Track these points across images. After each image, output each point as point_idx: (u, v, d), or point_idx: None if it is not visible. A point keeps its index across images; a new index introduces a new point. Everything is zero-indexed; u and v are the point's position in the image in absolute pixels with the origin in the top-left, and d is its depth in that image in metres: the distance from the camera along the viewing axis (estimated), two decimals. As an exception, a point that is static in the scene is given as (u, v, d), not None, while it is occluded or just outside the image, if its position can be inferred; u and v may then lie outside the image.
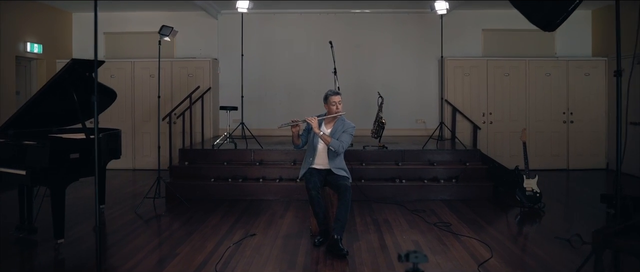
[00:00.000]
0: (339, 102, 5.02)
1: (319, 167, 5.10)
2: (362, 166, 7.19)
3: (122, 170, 9.66)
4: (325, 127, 5.10)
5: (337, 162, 5.05)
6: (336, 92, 5.09)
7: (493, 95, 9.50)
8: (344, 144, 4.94)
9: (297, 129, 5.02)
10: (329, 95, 5.05)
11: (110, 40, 10.24)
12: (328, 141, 4.87)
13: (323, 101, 5.13)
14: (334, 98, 5.02)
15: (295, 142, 5.14)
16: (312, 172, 5.01)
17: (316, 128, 4.87)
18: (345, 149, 5.00)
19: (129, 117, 9.75)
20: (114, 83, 9.57)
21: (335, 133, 5.01)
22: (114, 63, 9.74)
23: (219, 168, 7.29)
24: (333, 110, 5.02)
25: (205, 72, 9.57)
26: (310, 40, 9.94)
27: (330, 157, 5.02)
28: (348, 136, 5.02)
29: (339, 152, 4.95)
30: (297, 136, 5.09)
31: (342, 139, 4.96)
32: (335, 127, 5.05)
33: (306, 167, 5.11)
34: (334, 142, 4.88)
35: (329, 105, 5.05)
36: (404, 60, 10.04)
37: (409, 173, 7.13)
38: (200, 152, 7.66)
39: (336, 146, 4.87)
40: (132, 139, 9.76)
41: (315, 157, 5.10)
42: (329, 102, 5.04)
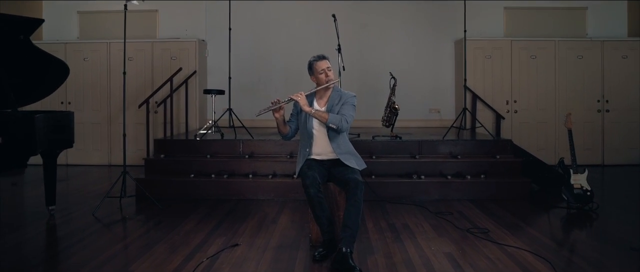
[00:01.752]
0: (328, 69, 3.87)
1: (320, 157, 3.94)
2: (372, 159, 6.02)
3: (95, 166, 8.50)
4: (317, 103, 3.97)
5: (342, 145, 3.89)
6: (321, 56, 3.94)
7: (518, 80, 8.33)
8: (346, 117, 3.80)
9: (282, 113, 3.85)
10: (313, 62, 3.91)
11: (84, 20, 9.05)
12: (325, 117, 3.74)
13: (308, 72, 3.99)
14: (320, 64, 3.88)
15: (282, 131, 3.98)
16: (311, 165, 3.84)
17: (306, 106, 3.74)
18: (349, 125, 3.85)
19: (105, 106, 8.58)
20: (87, 67, 8.47)
21: (332, 108, 3.88)
22: (87, 44, 8.58)
23: (200, 162, 6.12)
24: (323, 81, 3.88)
25: (191, 55, 8.40)
26: (310, 19, 8.74)
27: (332, 138, 3.87)
28: (350, 106, 3.87)
29: (342, 129, 3.78)
30: (283, 123, 3.92)
31: (344, 111, 3.84)
32: (331, 101, 3.91)
33: (303, 160, 3.95)
34: (333, 117, 3.75)
35: (316, 75, 3.92)
36: (416, 42, 8.86)
37: (428, 168, 5.96)
38: (180, 143, 6.49)
39: (337, 121, 3.74)
40: (108, 131, 8.59)
41: (312, 144, 3.94)
42: (315, 71, 3.90)
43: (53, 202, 5.01)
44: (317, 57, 3.90)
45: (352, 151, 3.95)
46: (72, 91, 8.57)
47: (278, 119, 3.85)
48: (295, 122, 4.04)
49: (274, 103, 3.77)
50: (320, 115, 3.74)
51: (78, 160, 8.64)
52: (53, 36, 8.94)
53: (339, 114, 3.81)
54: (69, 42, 8.60)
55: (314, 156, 3.95)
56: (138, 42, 8.46)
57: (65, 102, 8.59)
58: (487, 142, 6.35)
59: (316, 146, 3.93)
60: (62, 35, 8.91)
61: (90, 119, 8.60)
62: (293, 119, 4.05)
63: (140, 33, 8.80)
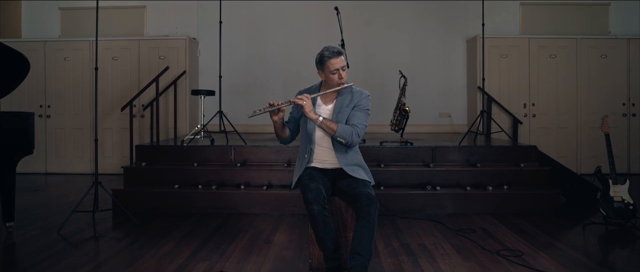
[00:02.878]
0: (343, 69, 3.14)
1: (323, 165, 3.27)
2: (380, 167, 5.34)
3: (77, 175, 7.81)
4: (322, 102, 3.29)
5: (349, 156, 3.22)
6: (337, 51, 3.15)
7: (536, 81, 7.66)
8: (358, 128, 3.11)
9: (281, 116, 3.16)
10: (327, 58, 3.12)
11: (66, 17, 8.39)
12: (333, 128, 3.05)
13: (317, 66, 3.27)
14: (334, 62, 3.11)
15: (280, 135, 3.29)
16: (313, 176, 3.16)
17: (311, 112, 3.05)
18: (361, 138, 3.16)
19: (87, 110, 7.89)
20: (68, 67, 7.80)
21: (340, 110, 3.19)
22: (69, 43, 7.91)
23: (186, 171, 5.44)
24: (335, 82, 3.15)
25: (180, 54, 7.72)
26: (310, 15, 8.08)
27: (337, 146, 3.19)
28: (362, 113, 3.18)
29: (352, 143, 3.11)
30: (281, 126, 3.23)
31: (355, 120, 3.14)
32: (340, 101, 3.22)
33: (302, 168, 3.27)
34: (343, 129, 3.06)
35: (326, 74, 3.18)
36: (425, 41, 8.20)
37: (444, 177, 5.27)
38: (164, 150, 5.80)
39: (347, 134, 3.06)
40: (91, 137, 7.88)
41: (312, 150, 3.28)
42: (327, 69, 3.15)
43: (11, 218, 4.30)
44: (332, 53, 3.14)
45: (361, 162, 3.28)
46: (52, 94, 7.90)
47: (276, 122, 3.16)
48: (295, 123, 3.37)
49: (273, 105, 3.08)
50: (327, 126, 3.06)
51: (58, 168, 7.96)
52: (33, 34, 8.29)
53: (349, 122, 3.14)
54: (49, 41, 7.93)
55: (315, 163, 3.27)
56: (123, 40, 7.80)
57: (44, 106, 7.92)
58: (509, 148, 5.66)
59: (319, 151, 3.26)
60: (42, 33, 8.26)
61: (72, 123, 7.92)
62: (292, 121, 3.38)
63: (127, 31, 8.15)
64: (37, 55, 7.82)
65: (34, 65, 7.72)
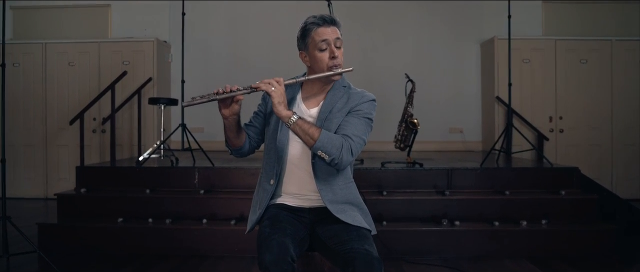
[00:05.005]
0: (336, 42, 2.08)
1: (297, 201, 2.15)
2: (381, 196, 4.18)
3: (28, 199, 6.65)
4: (303, 104, 2.19)
5: (338, 188, 2.09)
6: (329, 18, 2.11)
7: (564, 91, 6.52)
8: (352, 141, 1.99)
9: (234, 111, 2.05)
10: (312, 26, 2.10)
11: (19, 17, 7.28)
12: (313, 135, 1.93)
13: (298, 46, 2.18)
14: (322, 30, 2.08)
15: (231, 141, 2.17)
16: (278, 220, 2.05)
17: (280, 104, 1.94)
18: (355, 155, 2.02)
19: (40, 124, 6.75)
20: (18, 74, 6.72)
21: (329, 118, 2.09)
22: (18, 46, 6.78)
23: (136, 199, 4.28)
24: (325, 64, 2.07)
25: (147, 58, 6.58)
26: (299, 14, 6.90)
27: (320, 171, 2.08)
28: (361, 121, 2.07)
29: (341, 162, 1.96)
30: (235, 127, 2.11)
31: (348, 129, 2.02)
32: (330, 101, 2.12)
33: (262, 204, 2.14)
34: (328, 139, 1.94)
35: (310, 52, 2.11)
36: (432, 45, 7.06)
37: (464, 208, 4.11)
38: (109, 172, 4.65)
39: (333, 147, 1.94)
40: (45, 155, 6.75)
41: (283, 174, 2.15)
42: (312, 42, 2.09)
43: None
44: (321, 19, 2.09)
45: (356, 198, 2.16)
46: (-2, 105, 6.75)
47: (227, 120, 2.06)
48: (258, 126, 2.25)
49: (218, 93, 1.98)
50: (304, 131, 1.93)
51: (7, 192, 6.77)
52: (-19, 37, 7.17)
53: (340, 130, 2.02)
54: (-5, 43, 6.80)
55: (284, 197, 2.14)
56: (81, 42, 6.68)
57: (-10, 119, 6.77)
58: (544, 171, 4.51)
59: (292, 178, 2.12)
60: (-8, 37, 7.15)
61: (22, 140, 6.77)
62: (256, 121, 2.26)
63: (88, 32, 7.04)
64: (-20, 60, 6.69)
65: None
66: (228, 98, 1.98)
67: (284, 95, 1.95)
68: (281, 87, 1.95)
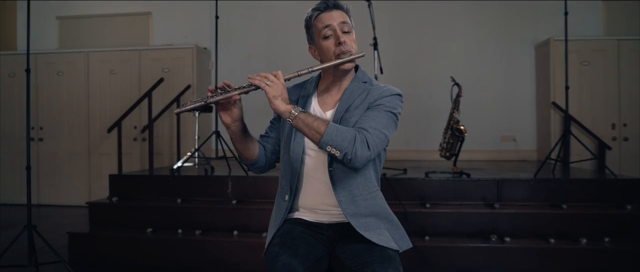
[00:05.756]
0: (343, 27, 1.83)
1: (315, 216, 1.89)
2: (425, 208, 3.87)
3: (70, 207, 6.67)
4: (316, 102, 1.93)
5: (360, 196, 1.81)
6: (333, 3, 1.86)
7: (628, 96, 5.98)
8: (368, 134, 1.69)
9: (236, 116, 1.80)
10: (313, 14, 1.88)
11: (65, 27, 7.38)
12: (319, 128, 1.65)
13: (307, 40, 1.96)
14: (324, 16, 1.84)
15: (242, 152, 1.93)
16: (291, 236, 1.82)
17: (278, 98, 1.67)
18: (374, 151, 1.70)
19: (83, 132, 6.78)
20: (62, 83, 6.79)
21: (345, 115, 1.81)
22: (62, 55, 6.85)
23: (166, 209, 4.14)
24: (331, 53, 1.83)
25: (187, 65, 6.51)
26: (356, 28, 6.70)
27: (338, 179, 1.80)
28: (381, 114, 1.76)
29: (356, 157, 1.66)
30: (241, 135, 1.86)
31: (365, 122, 1.73)
32: (347, 99, 1.85)
33: (278, 220, 1.90)
34: (336, 132, 1.65)
35: (317, 43, 1.87)
36: (483, 48, 6.66)
37: (515, 223, 3.74)
38: (142, 180, 4.54)
39: (344, 140, 1.65)
40: (88, 163, 6.77)
41: (298, 189, 1.90)
42: (316, 30, 1.87)
43: None
44: (319, 5, 1.87)
45: (382, 210, 1.86)
46: (44, 113, 6.83)
47: (231, 129, 1.82)
48: (274, 137, 2.02)
49: (214, 93, 1.73)
50: (307, 125, 1.67)
51: (51, 199, 6.85)
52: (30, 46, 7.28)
53: (357, 126, 1.73)
54: (41, 53, 6.89)
55: (302, 212, 1.89)
56: (123, 51, 6.67)
57: (36, 128, 6.86)
58: (606, 183, 4.09)
59: (309, 191, 1.87)
60: (39, 45, 7.26)
61: (67, 148, 6.81)
62: (271, 132, 2.04)
63: (130, 40, 7.05)
64: (28, 69, 6.79)
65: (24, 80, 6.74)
66: (224, 100, 1.73)
67: (283, 88, 1.69)
68: (279, 81, 1.69)
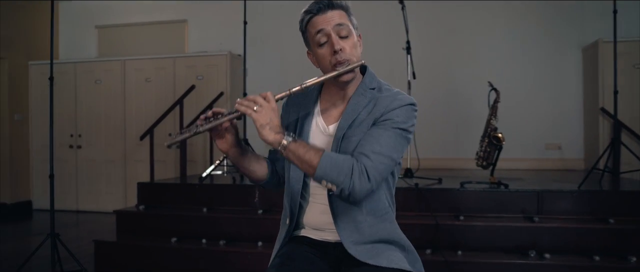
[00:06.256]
0: (338, 31, 1.61)
1: (321, 235, 1.75)
2: (458, 220, 3.65)
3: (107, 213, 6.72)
4: (322, 118, 1.74)
5: (365, 226, 1.64)
6: (325, 2, 1.63)
7: (686, 101, 5.59)
8: (368, 160, 1.51)
9: (230, 142, 1.67)
10: (305, 17, 1.66)
11: (104, 36, 7.50)
12: (311, 161, 1.50)
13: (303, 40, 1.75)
14: (318, 19, 1.63)
15: (250, 176, 1.80)
16: (291, 258, 1.68)
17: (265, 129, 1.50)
18: (378, 179, 1.53)
19: (120, 140, 6.84)
20: (100, 91, 6.87)
21: (348, 132, 1.62)
22: (100, 64, 6.95)
23: (192, 218, 4.06)
24: (327, 62, 1.63)
25: (220, 72, 6.48)
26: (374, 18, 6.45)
27: (338, 209, 1.64)
28: (388, 133, 1.56)
29: (353, 192, 1.49)
30: (242, 160, 1.74)
31: (366, 145, 1.54)
32: (351, 113, 1.64)
33: (280, 242, 1.80)
34: (331, 162, 1.49)
35: (313, 48, 1.67)
36: (525, 51, 6.31)
37: (556, 238, 3.47)
38: (169, 188, 4.49)
39: (340, 173, 1.48)
40: (124, 170, 6.83)
41: (303, 207, 1.76)
42: (310, 37, 1.67)
43: None
44: (311, 6, 1.65)
45: (394, 234, 1.69)
46: (83, 121, 6.94)
47: (228, 153, 1.69)
48: (280, 156, 1.84)
49: (202, 121, 1.58)
50: (298, 157, 1.51)
51: (90, 205, 6.94)
52: (70, 55, 7.47)
53: (357, 148, 1.56)
54: (80, 62, 7.02)
55: (308, 230, 1.75)
56: (157, 58, 6.70)
57: (75, 135, 6.97)
58: (660, 195, 3.76)
59: (312, 207, 1.73)
60: (79, 54, 7.42)
61: (103, 156, 6.90)
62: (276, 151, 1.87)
63: (166, 48, 7.09)
64: (68, 78, 6.93)
65: (64, 89, 6.91)
66: (214, 128, 1.59)
67: (273, 113, 1.51)
68: (269, 104, 1.52)
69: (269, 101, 1.52)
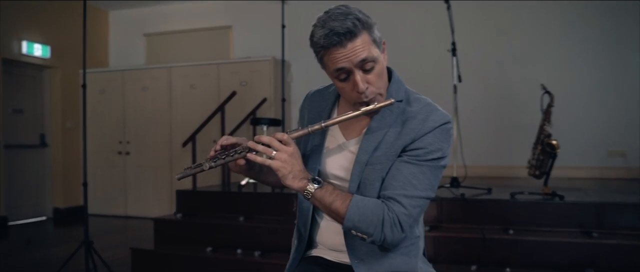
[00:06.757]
0: (362, 65, 1.34)
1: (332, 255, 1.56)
2: (507, 235, 3.38)
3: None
4: (340, 138, 1.52)
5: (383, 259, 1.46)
6: (343, 28, 1.31)
7: None
8: (402, 207, 1.34)
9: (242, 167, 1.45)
10: (319, 50, 1.38)
11: (151, 43, 7.60)
12: (339, 210, 1.36)
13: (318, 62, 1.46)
14: (334, 56, 1.34)
15: (265, 183, 1.64)
16: None
17: (288, 176, 1.35)
18: (411, 225, 1.39)
19: (166, 146, 6.89)
20: (147, 98, 6.94)
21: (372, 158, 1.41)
22: (147, 71, 7.04)
23: (227, 227, 3.97)
24: (348, 97, 1.42)
25: (264, 78, 6.41)
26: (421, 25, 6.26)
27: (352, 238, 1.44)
28: (420, 170, 1.37)
29: (386, 243, 1.37)
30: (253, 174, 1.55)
31: (396, 184, 1.36)
32: (376, 134, 1.43)
33: (290, 263, 1.63)
34: (360, 212, 1.34)
35: (332, 77, 1.42)
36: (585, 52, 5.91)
37: (618, 256, 3.14)
38: (208, 196, 4.43)
39: (370, 224, 1.33)
40: (170, 176, 6.86)
41: (317, 224, 1.57)
42: (327, 68, 1.41)
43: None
44: (324, 38, 1.34)
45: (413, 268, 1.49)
46: (131, 128, 7.04)
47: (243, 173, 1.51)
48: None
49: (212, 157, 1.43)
50: (325, 205, 1.37)
51: (137, 211, 7.02)
52: (119, 63, 7.62)
53: (384, 186, 1.39)
54: (128, 70, 7.14)
55: (321, 250, 1.59)
56: (202, 65, 6.72)
57: (123, 142, 7.08)
58: None
59: (328, 226, 1.54)
60: (128, 62, 7.54)
61: (151, 162, 6.97)
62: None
63: (211, 54, 7.11)
64: (116, 86, 7.07)
65: (113, 96, 7.04)
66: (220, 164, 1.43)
67: (292, 159, 1.35)
68: (288, 148, 1.35)
69: (287, 144, 1.36)
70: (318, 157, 1.51)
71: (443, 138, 1.40)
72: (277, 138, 1.36)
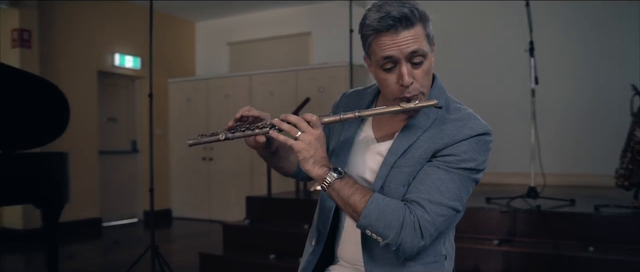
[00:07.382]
0: (411, 58, 1.25)
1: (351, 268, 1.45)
2: (586, 252, 3.05)
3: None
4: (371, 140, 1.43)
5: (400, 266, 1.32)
6: (397, 15, 1.21)
7: None
8: (425, 212, 1.24)
9: (261, 142, 1.41)
10: (370, 32, 1.26)
11: (235, 52, 7.82)
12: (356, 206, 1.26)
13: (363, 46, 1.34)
14: (385, 41, 1.24)
15: (278, 170, 1.60)
16: None
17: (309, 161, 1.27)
18: (432, 234, 1.26)
19: (247, 153, 7.04)
20: (230, 105, 7.15)
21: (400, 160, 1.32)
22: (229, 79, 7.25)
23: (292, 235, 3.95)
24: (390, 91, 1.31)
25: (340, 84, 6.35)
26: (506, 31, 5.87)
27: (371, 248, 1.35)
28: (450, 177, 1.26)
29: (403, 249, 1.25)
30: (270, 156, 1.52)
31: (422, 187, 1.26)
32: (409, 135, 1.33)
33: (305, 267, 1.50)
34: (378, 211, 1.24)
35: (375, 66, 1.31)
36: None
37: None
38: (277, 202, 4.44)
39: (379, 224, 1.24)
40: (250, 183, 7.01)
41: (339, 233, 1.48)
42: (373, 54, 1.29)
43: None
44: (378, 21, 1.24)
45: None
46: (214, 135, 7.28)
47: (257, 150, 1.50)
48: None
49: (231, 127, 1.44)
50: (342, 198, 1.28)
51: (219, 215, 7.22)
52: (205, 72, 7.91)
53: (410, 189, 1.29)
54: (212, 78, 7.39)
55: (340, 264, 1.50)
56: (281, 72, 6.80)
57: (207, 148, 7.33)
58: None
59: (348, 239, 1.45)
60: (213, 71, 7.81)
61: (232, 168, 7.16)
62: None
63: (292, 61, 7.18)
64: (200, 93, 7.35)
65: (198, 104, 7.32)
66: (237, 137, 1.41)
67: (317, 143, 1.27)
68: (315, 131, 1.28)
69: (315, 127, 1.29)
70: (346, 152, 1.44)
71: (479, 149, 1.29)
72: (305, 119, 1.29)
